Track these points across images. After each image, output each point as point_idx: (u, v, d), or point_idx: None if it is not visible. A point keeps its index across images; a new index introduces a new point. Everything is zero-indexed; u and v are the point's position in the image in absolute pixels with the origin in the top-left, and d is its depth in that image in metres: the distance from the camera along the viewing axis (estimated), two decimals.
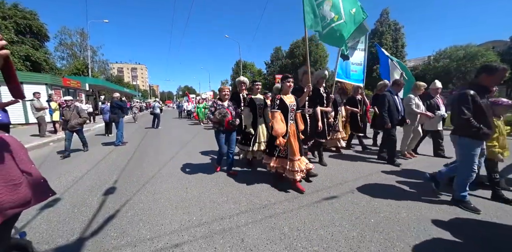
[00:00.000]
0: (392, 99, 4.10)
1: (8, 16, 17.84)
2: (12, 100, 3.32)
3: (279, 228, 2.08)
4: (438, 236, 1.93)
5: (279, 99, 2.90)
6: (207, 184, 3.24)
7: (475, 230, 2.03)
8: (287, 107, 2.88)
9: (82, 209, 2.51)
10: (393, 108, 4.05)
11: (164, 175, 3.68)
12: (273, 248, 1.81)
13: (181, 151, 5.50)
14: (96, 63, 31.79)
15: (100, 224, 2.19)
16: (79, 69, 24.08)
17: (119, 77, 43.51)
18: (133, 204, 2.63)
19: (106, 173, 3.82)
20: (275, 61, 40.84)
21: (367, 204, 2.54)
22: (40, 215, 2.37)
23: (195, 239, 1.94)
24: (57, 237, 1.98)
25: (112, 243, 1.90)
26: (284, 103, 2.89)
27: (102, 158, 4.83)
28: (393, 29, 30.98)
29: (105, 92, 25.55)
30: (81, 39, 29.34)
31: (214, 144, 3.77)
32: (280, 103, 2.89)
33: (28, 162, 1.12)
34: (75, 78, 16.48)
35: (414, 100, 4.35)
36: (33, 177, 1.11)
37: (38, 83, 11.52)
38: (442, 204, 2.54)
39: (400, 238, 1.90)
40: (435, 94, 4.56)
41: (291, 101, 2.95)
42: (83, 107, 11.31)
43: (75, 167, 4.16)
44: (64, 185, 3.24)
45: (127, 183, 3.30)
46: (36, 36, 19.79)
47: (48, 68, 19.38)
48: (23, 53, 16.96)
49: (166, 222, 2.21)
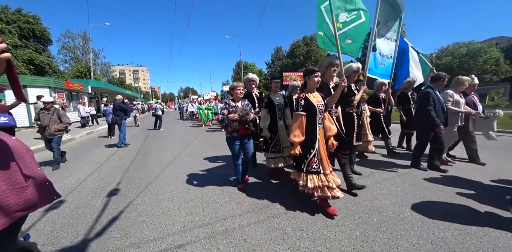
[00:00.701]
0: (436, 97, 3.53)
1: (11, 21, 18.09)
2: (16, 101, 3.38)
3: (282, 228, 2.08)
4: (442, 236, 1.91)
5: (303, 99, 2.31)
6: (209, 185, 3.25)
7: (477, 231, 2.01)
8: (315, 108, 2.29)
9: (86, 210, 2.54)
10: (438, 107, 3.51)
11: (167, 176, 3.69)
12: (276, 248, 1.81)
13: (183, 152, 5.52)
14: (98, 66, 32.07)
15: (104, 226, 2.20)
16: (82, 72, 24.32)
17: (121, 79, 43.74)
18: (136, 205, 2.64)
19: (109, 175, 3.84)
20: (276, 61, 40.85)
21: (370, 204, 2.52)
22: (44, 217, 2.40)
23: (198, 239, 1.95)
24: (61, 239, 2.00)
25: (116, 244, 1.91)
26: (310, 103, 2.30)
27: (105, 160, 4.87)
28: None
29: (107, 94, 25.75)
30: (83, 42, 29.66)
31: (216, 145, 3.74)
32: (306, 103, 2.29)
33: (34, 165, 1.13)
34: (77, 81, 16.64)
35: (452, 97, 3.73)
36: (39, 180, 1.12)
37: (42, 87, 11.66)
38: (445, 204, 2.51)
39: (404, 238, 1.89)
40: (471, 91, 4.01)
41: (318, 100, 2.36)
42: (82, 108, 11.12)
43: (78, 169, 4.20)
44: (68, 187, 3.27)
45: (130, 185, 3.33)
46: (39, 40, 20.04)
47: (51, 71, 19.63)
48: (26, 57, 17.20)
49: (169, 223, 2.22)
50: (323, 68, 2.71)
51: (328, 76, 2.73)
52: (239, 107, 2.76)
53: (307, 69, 2.39)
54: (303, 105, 2.30)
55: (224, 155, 5.06)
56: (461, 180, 3.21)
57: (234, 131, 2.74)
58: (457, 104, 3.72)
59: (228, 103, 2.86)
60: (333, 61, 2.63)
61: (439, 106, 3.52)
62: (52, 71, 19.72)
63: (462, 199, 2.59)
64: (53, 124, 4.15)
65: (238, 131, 2.75)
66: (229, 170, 3.92)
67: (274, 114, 3.25)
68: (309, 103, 2.30)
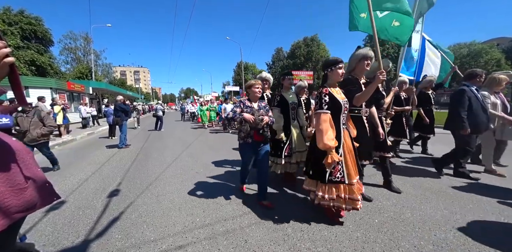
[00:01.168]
0: (474, 96, 3.11)
1: (14, 22, 18.23)
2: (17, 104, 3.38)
3: (283, 229, 2.07)
4: (444, 237, 1.91)
5: (327, 94, 1.96)
6: (210, 185, 3.25)
7: (479, 231, 2.00)
8: (340, 105, 1.97)
9: (86, 211, 2.54)
10: (476, 108, 3.06)
11: (168, 177, 3.69)
12: (277, 249, 1.80)
13: (184, 153, 5.52)
14: (100, 67, 32.24)
15: (104, 226, 2.20)
16: (83, 73, 24.44)
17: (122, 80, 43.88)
18: (137, 206, 2.65)
19: (110, 175, 3.85)
20: (277, 62, 40.92)
21: (371, 205, 2.52)
22: (45, 217, 2.40)
23: (199, 240, 1.94)
24: (62, 239, 2.00)
25: (117, 245, 1.91)
26: (335, 99, 1.97)
27: (106, 161, 4.87)
28: None
29: (109, 95, 25.84)
30: (85, 43, 29.83)
31: (217, 146, 3.71)
32: (331, 99, 1.95)
33: (35, 166, 1.13)
34: (79, 82, 16.70)
35: (489, 98, 3.31)
36: (39, 181, 1.12)
37: (43, 87, 11.72)
38: (447, 205, 2.50)
39: (405, 239, 1.88)
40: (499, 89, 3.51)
41: (342, 96, 2.05)
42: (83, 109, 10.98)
43: (79, 170, 4.21)
44: (69, 188, 3.27)
45: (131, 185, 3.33)
46: (41, 41, 20.20)
47: (53, 72, 19.77)
48: (28, 58, 17.33)
49: (170, 224, 2.22)
50: (354, 62, 2.34)
51: (360, 71, 2.35)
52: (255, 109, 2.43)
53: (328, 60, 2.07)
54: (327, 102, 1.94)
55: (224, 155, 5.06)
56: (462, 181, 3.20)
57: (247, 137, 2.42)
58: (494, 106, 3.32)
59: (244, 102, 2.51)
60: (368, 53, 2.23)
61: (477, 105, 3.08)
62: (53, 72, 19.87)
63: (463, 200, 2.58)
64: (35, 128, 3.48)
65: (252, 136, 2.41)
66: (230, 171, 3.93)
67: (287, 114, 2.96)
68: (333, 100, 1.97)
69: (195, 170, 4.01)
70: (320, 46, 36.08)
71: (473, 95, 3.11)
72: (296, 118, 3.08)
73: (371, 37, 6.05)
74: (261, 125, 2.36)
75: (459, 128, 3.10)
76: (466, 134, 3.07)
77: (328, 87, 2.02)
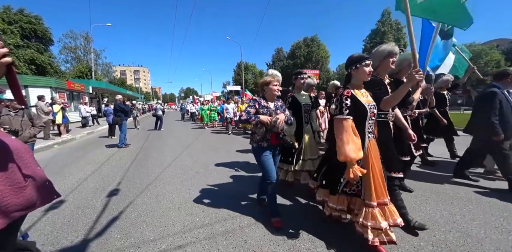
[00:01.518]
0: (505, 98, 2.85)
1: (14, 21, 18.20)
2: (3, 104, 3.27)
3: (282, 229, 2.07)
4: (443, 238, 1.91)
5: (350, 97, 1.65)
6: (210, 185, 3.24)
7: (479, 231, 2.00)
8: (365, 110, 1.67)
9: (86, 211, 2.53)
10: (506, 110, 2.82)
11: (167, 176, 3.69)
12: (277, 249, 1.80)
13: (183, 153, 5.52)
14: (100, 66, 32.20)
15: (104, 226, 2.20)
16: (83, 72, 24.41)
17: (122, 80, 43.84)
18: (137, 205, 2.64)
19: (110, 175, 3.84)
20: (277, 62, 40.91)
21: None
22: (45, 217, 2.39)
23: (198, 240, 1.94)
24: (61, 239, 2.00)
25: (116, 244, 1.91)
26: (359, 103, 1.66)
27: (105, 160, 4.87)
28: (395, 29, 31.03)
29: (108, 95, 25.82)
30: (85, 43, 29.81)
31: (217, 146, 3.70)
32: (353, 103, 1.65)
33: (34, 164, 1.13)
34: (79, 81, 16.70)
35: None
36: (38, 180, 1.12)
37: (43, 87, 11.71)
38: (447, 206, 2.50)
39: (405, 239, 1.88)
40: None
41: (368, 100, 1.74)
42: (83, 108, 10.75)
43: (79, 169, 4.20)
44: (68, 187, 3.27)
45: (130, 185, 3.32)
46: (41, 40, 20.16)
47: (53, 71, 19.74)
48: (28, 57, 17.30)
49: (169, 224, 2.22)
50: (378, 59, 2.01)
51: (384, 69, 2.05)
52: (272, 109, 2.15)
53: (352, 57, 1.75)
54: (349, 106, 1.62)
55: (224, 155, 5.06)
56: (462, 182, 3.20)
57: (263, 141, 2.11)
58: None
59: (259, 101, 2.17)
60: (394, 49, 1.95)
61: (508, 108, 2.83)
62: (53, 71, 19.84)
63: (462, 201, 2.58)
64: (26, 128, 3.25)
65: (269, 140, 2.11)
66: (230, 171, 3.92)
67: (299, 117, 2.69)
68: (357, 103, 1.65)
69: (195, 170, 4.01)
70: (320, 46, 36.12)
71: (504, 98, 2.83)
72: (309, 121, 2.81)
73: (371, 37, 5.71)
74: (280, 128, 2.02)
75: (492, 135, 2.82)
76: (500, 140, 2.79)
77: (351, 88, 1.72)
